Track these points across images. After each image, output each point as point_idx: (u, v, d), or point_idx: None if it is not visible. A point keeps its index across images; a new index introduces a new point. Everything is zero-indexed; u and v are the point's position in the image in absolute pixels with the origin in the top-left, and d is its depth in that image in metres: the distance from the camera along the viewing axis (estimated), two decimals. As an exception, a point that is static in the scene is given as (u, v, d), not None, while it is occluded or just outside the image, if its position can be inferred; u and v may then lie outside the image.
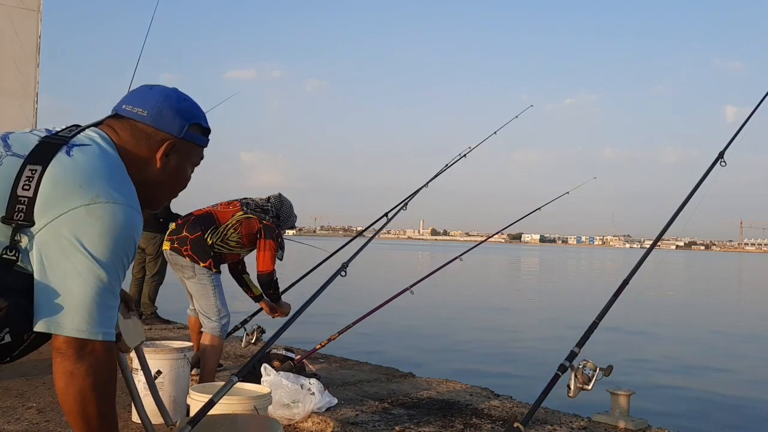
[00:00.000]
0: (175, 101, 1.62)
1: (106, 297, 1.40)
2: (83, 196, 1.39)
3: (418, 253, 65.95)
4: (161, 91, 1.63)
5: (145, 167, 1.59)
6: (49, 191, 1.39)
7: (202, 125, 1.67)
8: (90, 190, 1.41)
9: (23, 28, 5.91)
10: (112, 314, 1.42)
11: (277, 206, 4.63)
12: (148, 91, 1.63)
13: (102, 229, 1.39)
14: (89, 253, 1.37)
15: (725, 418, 7.27)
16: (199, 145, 1.68)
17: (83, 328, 1.36)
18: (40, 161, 1.42)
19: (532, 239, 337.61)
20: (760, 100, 3.98)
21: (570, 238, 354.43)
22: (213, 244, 4.39)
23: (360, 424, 3.84)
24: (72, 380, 1.37)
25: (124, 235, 1.42)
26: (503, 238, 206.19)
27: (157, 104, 1.59)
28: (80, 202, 1.39)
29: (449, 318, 14.91)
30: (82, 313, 1.36)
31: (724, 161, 3.81)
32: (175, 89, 1.66)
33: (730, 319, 18.14)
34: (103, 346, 1.39)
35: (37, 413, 4.08)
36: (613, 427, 3.97)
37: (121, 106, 1.61)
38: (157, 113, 1.58)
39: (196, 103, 1.69)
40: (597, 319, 3.46)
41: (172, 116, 1.59)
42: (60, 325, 1.36)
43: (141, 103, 1.59)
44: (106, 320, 1.40)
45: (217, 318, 4.34)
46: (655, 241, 3.91)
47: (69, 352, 1.36)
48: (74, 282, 1.36)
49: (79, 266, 1.37)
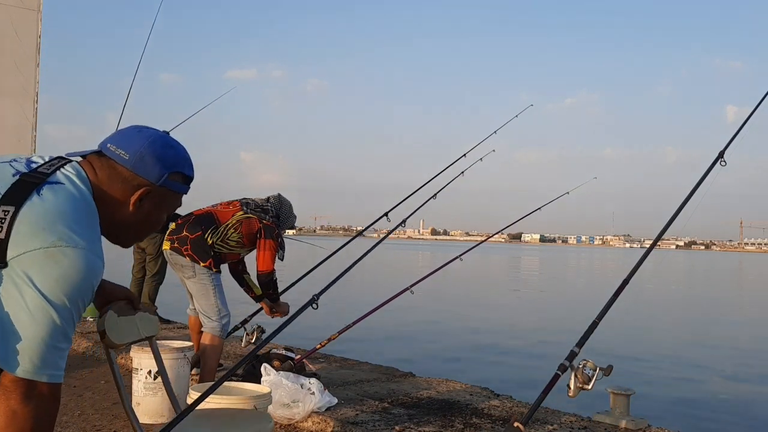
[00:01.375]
0: (160, 148, 1.59)
1: (57, 339, 1.40)
2: (45, 239, 1.40)
3: (418, 253, 65.97)
4: (149, 136, 1.61)
5: (119, 209, 1.59)
6: (19, 231, 1.40)
7: (184, 173, 1.65)
8: (52, 233, 1.41)
9: (23, 28, 5.91)
10: (61, 356, 1.42)
11: (276, 206, 4.63)
12: (135, 134, 1.61)
13: (58, 273, 1.39)
14: (43, 296, 1.37)
15: (725, 418, 7.27)
16: (177, 192, 1.66)
17: (29, 369, 1.37)
18: (14, 201, 1.42)
19: (532, 239, 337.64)
20: (760, 100, 3.98)
21: (570, 237, 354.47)
22: (213, 244, 4.39)
23: (360, 424, 3.84)
24: (14, 420, 1.37)
25: (81, 281, 1.42)
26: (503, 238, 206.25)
27: (140, 149, 1.57)
28: (40, 245, 1.39)
29: (449, 318, 14.90)
30: (30, 353, 1.37)
31: (724, 161, 3.81)
32: (164, 135, 1.64)
33: (730, 318, 18.15)
34: (49, 388, 1.40)
35: (37, 413, 4.08)
36: (613, 427, 3.97)
37: (106, 144, 1.59)
38: (139, 158, 1.56)
39: (184, 151, 1.66)
40: (597, 319, 3.45)
41: (152, 163, 1.58)
42: (8, 363, 1.37)
43: (125, 146, 1.58)
44: (54, 362, 1.40)
45: (217, 318, 4.34)
46: (655, 241, 3.90)
47: (16, 392, 1.37)
48: (26, 322, 1.37)
49: (32, 307, 1.37)
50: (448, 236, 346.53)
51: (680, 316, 18.29)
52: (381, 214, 5.65)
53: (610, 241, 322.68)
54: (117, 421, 4.00)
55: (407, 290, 5.31)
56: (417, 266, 38.56)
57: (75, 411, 4.17)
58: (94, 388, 4.75)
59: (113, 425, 3.92)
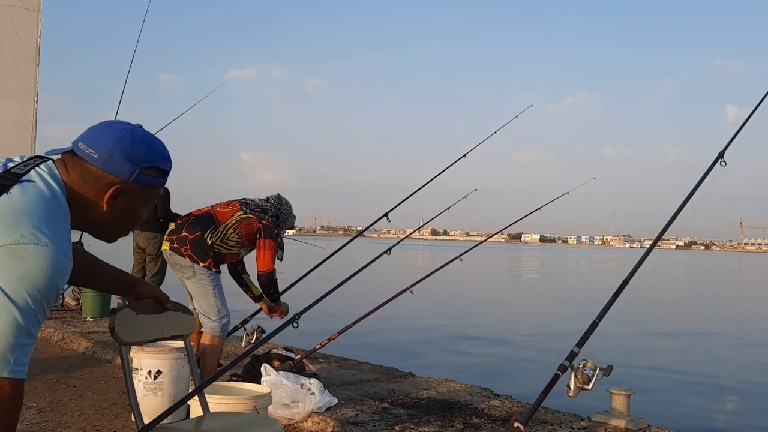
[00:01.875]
0: (129, 145, 1.57)
1: (20, 337, 1.39)
2: (7, 236, 1.39)
3: (418, 253, 65.94)
4: (117, 131, 1.58)
5: (93, 208, 1.58)
6: None
7: (158, 167, 1.63)
8: (15, 230, 1.40)
9: (23, 28, 5.91)
10: (24, 352, 1.42)
11: (276, 206, 4.63)
12: (104, 131, 1.59)
13: (20, 271, 1.38)
14: (4, 293, 1.37)
15: (725, 418, 7.27)
16: (153, 187, 1.64)
17: None
18: None
19: (532, 239, 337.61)
20: (760, 100, 3.98)
21: (570, 238, 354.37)
22: (212, 244, 4.39)
23: (360, 424, 3.84)
24: None
25: (44, 278, 1.41)
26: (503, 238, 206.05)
27: (108, 147, 1.55)
28: (2, 242, 1.38)
29: (449, 318, 14.91)
30: None
31: (724, 161, 3.81)
32: (135, 130, 1.61)
33: (730, 318, 18.14)
34: (10, 383, 1.39)
35: (37, 413, 4.08)
36: (613, 427, 3.97)
37: (77, 144, 1.58)
38: (108, 156, 1.55)
39: (155, 144, 1.63)
40: (597, 319, 3.46)
41: (122, 161, 1.56)
42: None
43: (94, 144, 1.56)
44: (17, 359, 1.40)
45: (217, 318, 4.34)
46: (655, 241, 3.91)
47: None
48: None
49: None
50: (448, 236, 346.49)
51: (680, 316, 18.29)
52: (381, 214, 5.66)
53: (610, 241, 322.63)
54: (117, 421, 4.00)
55: (407, 290, 5.31)
56: (417, 266, 38.55)
57: (75, 411, 4.17)
58: (94, 388, 4.75)
59: (113, 425, 3.92)
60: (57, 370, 5.29)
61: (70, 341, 6.33)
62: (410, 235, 5.21)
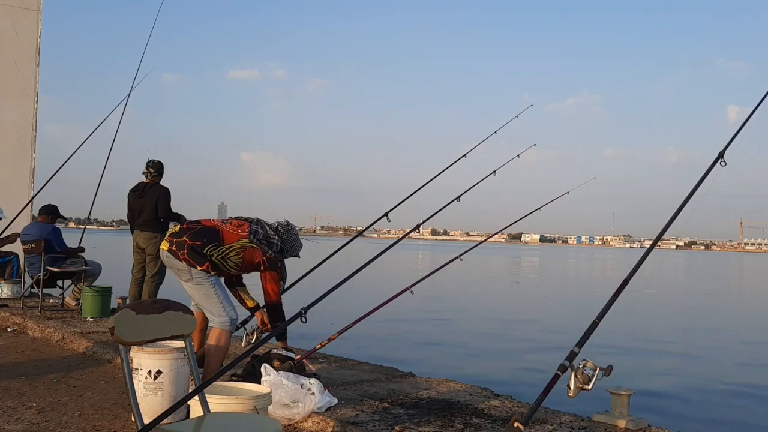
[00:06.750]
0: None
1: None
2: None
3: (418, 253, 65.96)
4: None
5: None
6: None
7: None
8: None
9: (23, 28, 5.91)
10: None
11: (283, 236, 4.71)
12: None
13: None
14: None
15: (725, 418, 7.27)
16: None
17: None
18: None
19: (532, 239, 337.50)
20: (760, 100, 3.98)
21: (570, 237, 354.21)
22: (211, 258, 4.42)
23: (360, 424, 3.83)
24: None
25: None
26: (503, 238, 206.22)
27: None
28: None
29: (449, 318, 14.91)
30: None
31: (724, 161, 3.81)
32: None
33: (730, 318, 18.15)
34: None
35: (37, 413, 4.08)
36: (613, 427, 3.97)
37: None
38: None
39: None
40: (597, 319, 3.46)
41: None
42: None
43: None
44: None
45: (224, 312, 4.40)
46: (655, 241, 3.90)
47: None
48: None
49: None
50: (448, 236, 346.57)
51: (680, 316, 18.29)
52: (381, 213, 5.66)
53: (610, 241, 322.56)
54: (117, 421, 4.00)
55: (407, 290, 5.32)
56: (417, 266, 38.55)
57: (75, 411, 4.17)
58: (94, 388, 4.75)
59: (113, 425, 3.92)
60: (57, 370, 5.29)
61: (70, 341, 6.33)
62: (409, 233, 5.19)
